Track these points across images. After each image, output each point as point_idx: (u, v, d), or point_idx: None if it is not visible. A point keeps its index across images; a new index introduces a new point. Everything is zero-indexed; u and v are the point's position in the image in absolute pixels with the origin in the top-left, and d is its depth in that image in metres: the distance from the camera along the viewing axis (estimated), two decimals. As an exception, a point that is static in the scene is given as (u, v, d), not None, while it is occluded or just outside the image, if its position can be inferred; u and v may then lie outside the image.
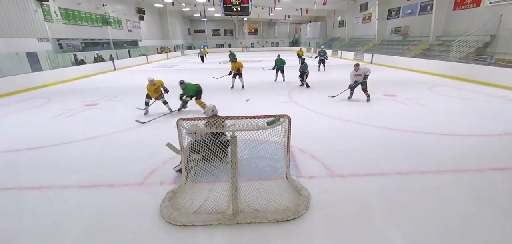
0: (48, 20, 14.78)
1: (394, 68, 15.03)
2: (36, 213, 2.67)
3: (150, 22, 29.70)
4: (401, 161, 3.58)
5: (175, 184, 3.09)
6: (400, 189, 2.93)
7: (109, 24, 20.95)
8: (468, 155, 3.76)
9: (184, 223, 2.38)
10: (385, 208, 2.60)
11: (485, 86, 8.91)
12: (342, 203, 2.71)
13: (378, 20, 22.47)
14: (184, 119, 2.71)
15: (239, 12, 16.13)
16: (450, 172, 3.29)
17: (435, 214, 2.50)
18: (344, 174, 3.29)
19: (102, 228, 2.42)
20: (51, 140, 4.63)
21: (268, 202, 2.65)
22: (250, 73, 15.07)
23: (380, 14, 22.26)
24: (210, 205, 2.60)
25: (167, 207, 2.57)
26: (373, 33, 23.54)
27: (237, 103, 7.50)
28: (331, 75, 12.91)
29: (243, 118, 2.85)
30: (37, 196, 2.96)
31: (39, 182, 3.25)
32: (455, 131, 4.63)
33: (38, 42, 14.08)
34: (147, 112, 6.32)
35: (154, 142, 4.43)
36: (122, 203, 2.79)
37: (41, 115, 6.57)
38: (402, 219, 2.44)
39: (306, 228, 2.36)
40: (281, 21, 43.13)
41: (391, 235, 2.25)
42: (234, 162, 2.37)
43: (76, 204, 2.79)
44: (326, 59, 14.11)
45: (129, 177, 3.31)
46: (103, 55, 17.65)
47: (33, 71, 11.75)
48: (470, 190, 2.89)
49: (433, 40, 16.12)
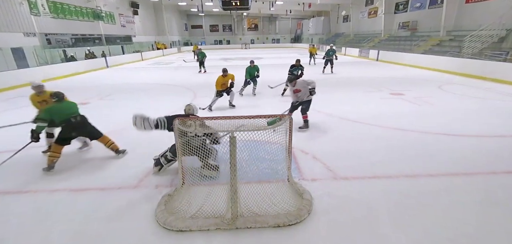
0: (34, 14, 14.71)
1: (402, 66, 15.06)
2: (23, 219, 2.66)
3: (145, 17, 29.75)
4: (409, 163, 3.59)
5: (171, 187, 3.10)
6: (407, 193, 2.94)
7: (100, 18, 20.97)
8: (481, 157, 3.77)
9: (180, 228, 2.39)
10: (392, 213, 2.61)
11: (500, 83, 8.92)
12: (346, 207, 2.72)
13: (384, 15, 22.52)
14: (179, 118, 2.72)
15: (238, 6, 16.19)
16: (461, 175, 3.30)
17: (445, 219, 2.50)
18: (348, 177, 3.30)
19: (93, 234, 2.42)
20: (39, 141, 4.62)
21: (268, 206, 2.66)
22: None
23: (387, 8, 22.31)
24: (208, 209, 2.61)
25: (163, 211, 2.58)
26: (379, 28, 23.60)
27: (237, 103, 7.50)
28: (341, 73, 12.62)
29: (243, 118, 2.86)
30: (24, 201, 2.96)
31: (25, 186, 3.25)
32: (466, 132, 4.64)
33: (24, 37, 14.01)
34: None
35: (150, 143, 4.44)
36: (114, 207, 2.79)
37: (28, 115, 6.54)
38: (410, 224, 2.45)
39: (309, 234, 2.37)
40: (282, 17, 43.21)
41: (398, 241, 2.26)
42: (233, 164, 2.38)
43: (66, 209, 2.79)
44: (335, 59, 12.38)
45: (122, 180, 3.32)
46: (94, 51, 17.69)
47: (19, 68, 11.76)
48: (483, 194, 2.90)
49: (444, 35, 16.14)
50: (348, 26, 29.89)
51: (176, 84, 10.42)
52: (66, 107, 3.69)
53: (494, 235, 2.31)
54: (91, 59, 16.45)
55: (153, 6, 31.58)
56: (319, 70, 12.75)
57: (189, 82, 10.77)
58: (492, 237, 2.29)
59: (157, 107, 6.84)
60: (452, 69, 11.58)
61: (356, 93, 8.22)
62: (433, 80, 10.10)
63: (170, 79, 11.98)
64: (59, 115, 3.55)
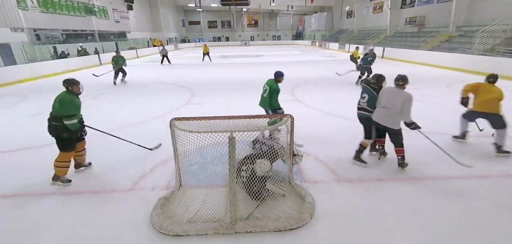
0: (22, 8, 14.66)
1: (408, 63, 15.07)
2: (10, 224, 2.66)
3: (140, 12, 29.77)
4: (416, 165, 3.59)
5: (168, 189, 3.11)
6: (414, 196, 2.95)
7: (93, 13, 20.99)
8: (492, 159, 3.78)
9: (177, 232, 2.40)
10: (398, 217, 2.62)
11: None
12: (350, 210, 2.73)
13: (390, 10, 22.55)
14: (178, 119, 2.73)
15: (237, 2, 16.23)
16: (471, 178, 3.30)
17: (454, 224, 2.51)
18: (352, 179, 3.31)
19: (85, 240, 2.43)
20: (27, 142, 4.64)
21: (269, 209, 2.67)
22: (249, 68, 15.14)
23: (393, 2, 22.34)
24: (205, 213, 2.62)
25: (159, 215, 2.59)
26: (385, 24, 23.62)
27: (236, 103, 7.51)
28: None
29: (242, 118, 2.87)
30: (11, 205, 2.96)
31: (12, 189, 3.24)
32: (477, 133, 4.64)
33: (11, 32, 13.98)
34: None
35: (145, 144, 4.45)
36: (108, 211, 2.80)
37: (15, 114, 6.59)
38: (417, 229, 2.45)
39: (311, 238, 2.38)
40: (283, 12, 43.25)
41: (404, 246, 2.27)
42: (232, 166, 2.39)
43: (56, 214, 2.79)
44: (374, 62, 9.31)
45: (116, 182, 3.33)
46: (87, 48, 17.69)
47: (6, 65, 11.75)
48: (495, 198, 2.91)
49: (453, 31, 16.13)
50: (352, 22, 29.91)
51: (172, 83, 10.43)
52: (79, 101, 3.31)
53: (506, 241, 2.32)
54: (83, 56, 16.45)
55: (149, 0, 31.59)
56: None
57: (185, 80, 10.78)
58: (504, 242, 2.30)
59: (153, 107, 6.84)
60: (462, 67, 11.57)
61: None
62: (442, 78, 10.11)
63: (165, 77, 11.99)
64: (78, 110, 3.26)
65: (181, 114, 6.28)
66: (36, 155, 4.23)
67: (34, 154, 4.26)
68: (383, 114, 3.32)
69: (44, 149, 4.38)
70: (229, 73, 13.21)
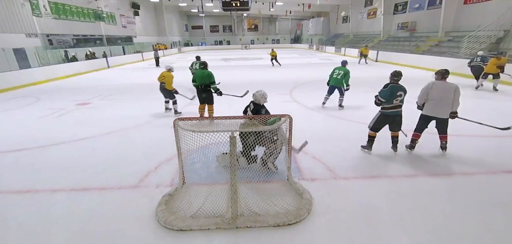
0: (36, 15, 14.73)
1: (401, 66, 14.99)
2: (22, 219, 2.65)
3: (145, 18, 29.75)
4: (409, 163, 3.58)
5: (171, 186, 3.09)
6: (408, 193, 2.93)
7: (102, 19, 20.98)
8: (480, 157, 3.76)
9: (181, 227, 2.38)
10: (393, 213, 2.60)
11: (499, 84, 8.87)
12: (347, 207, 2.71)
13: (383, 15, 22.52)
14: (181, 119, 2.71)
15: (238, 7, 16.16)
16: (461, 175, 3.29)
17: (447, 220, 2.49)
18: (348, 177, 3.29)
19: (94, 234, 2.42)
20: (39, 141, 4.62)
21: (268, 206, 2.65)
22: (249, 70, 15.11)
23: (386, 9, 22.30)
24: (208, 209, 2.60)
25: (163, 211, 2.57)
26: (378, 29, 23.58)
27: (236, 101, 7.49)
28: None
29: (242, 118, 2.85)
30: (24, 201, 2.95)
31: (25, 185, 3.23)
32: (465, 132, 4.62)
33: (26, 37, 14.03)
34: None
35: (150, 143, 4.44)
36: (115, 207, 2.78)
37: (29, 115, 6.56)
38: (411, 225, 2.43)
39: (308, 233, 2.36)
40: (282, 17, 43.20)
41: (398, 242, 2.25)
42: (233, 164, 2.37)
43: (66, 209, 2.78)
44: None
45: (123, 179, 3.30)
46: (95, 52, 17.68)
47: (21, 68, 11.74)
48: (483, 194, 2.89)
49: (442, 36, 16.13)
50: (347, 26, 29.85)
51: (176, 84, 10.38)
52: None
53: (495, 235, 2.30)
54: (92, 59, 16.43)
55: (154, 6, 31.57)
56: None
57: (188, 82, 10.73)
58: (494, 238, 2.28)
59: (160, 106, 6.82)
60: (451, 70, 11.54)
61: (356, 93, 8.20)
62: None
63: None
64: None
65: (184, 114, 6.29)
66: (47, 153, 4.21)
67: (45, 152, 4.24)
68: (438, 106, 3.56)
69: (54, 148, 4.38)
70: (230, 75, 13.17)
